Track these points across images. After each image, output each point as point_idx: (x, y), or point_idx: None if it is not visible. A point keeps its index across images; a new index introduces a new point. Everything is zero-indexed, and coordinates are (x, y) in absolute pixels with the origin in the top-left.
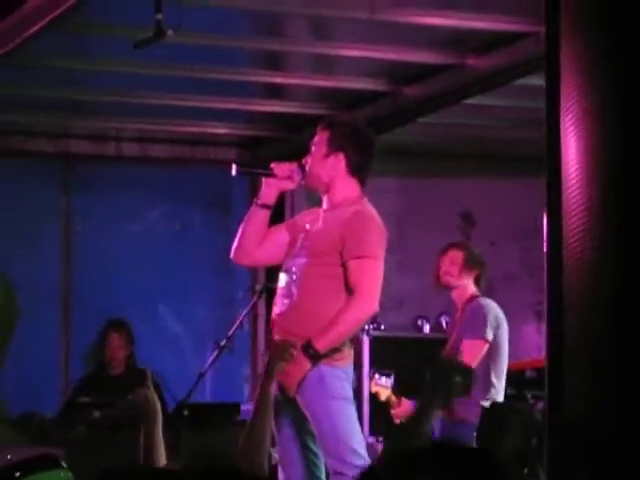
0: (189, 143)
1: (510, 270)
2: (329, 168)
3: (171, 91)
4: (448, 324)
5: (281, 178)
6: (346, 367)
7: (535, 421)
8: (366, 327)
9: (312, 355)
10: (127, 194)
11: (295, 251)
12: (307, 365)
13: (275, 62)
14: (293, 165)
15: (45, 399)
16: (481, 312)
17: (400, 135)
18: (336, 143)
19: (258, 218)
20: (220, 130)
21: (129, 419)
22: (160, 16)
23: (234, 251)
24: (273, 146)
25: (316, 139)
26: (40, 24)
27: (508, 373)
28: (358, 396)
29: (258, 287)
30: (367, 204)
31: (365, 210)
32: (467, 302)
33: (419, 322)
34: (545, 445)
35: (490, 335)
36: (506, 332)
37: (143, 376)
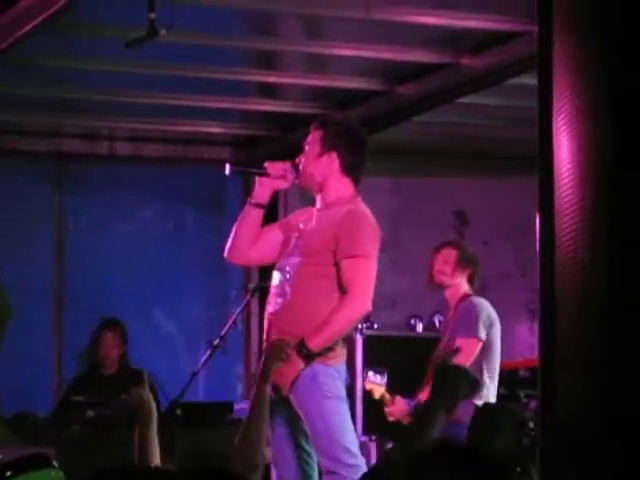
0: (182, 142)
1: (503, 269)
2: (322, 167)
3: (164, 90)
4: (441, 323)
5: (275, 177)
6: (339, 366)
7: (526, 421)
8: (359, 326)
9: (305, 354)
10: (120, 193)
11: (289, 250)
12: (300, 364)
13: (269, 61)
14: (287, 164)
15: (38, 398)
16: (474, 311)
17: (393, 134)
18: (329, 142)
19: (252, 217)
20: (213, 129)
21: (123, 418)
22: (153, 15)
23: (228, 250)
24: (267, 145)
25: (309, 138)
26: (33, 23)
27: (501, 372)
28: (351, 395)
29: (251, 286)
30: (361, 203)
31: (359, 209)
32: (460, 301)
33: (412, 321)
34: (537, 444)
35: (483, 334)
36: (499, 331)
37: (138, 376)
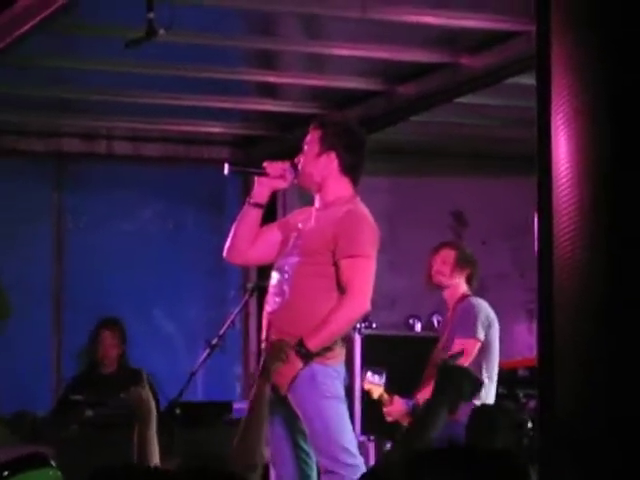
0: (182, 142)
1: (501, 269)
2: (321, 167)
3: (164, 90)
4: (440, 323)
5: (274, 177)
6: (337, 366)
7: (525, 422)
8: (358, 326)
9: (304, 354)
10: (120, 193)
11: (287, 250)
12: (299, 364)
13: (268, 61)
14: (286, 164)
15: (37, 398)
16: (472, 311)
17: (392, 134)
18: (328, 142)
19: (251, 217)
20: (213, 129)
21: (122, 418)
22: (152, 15)
23: (227, 250)
24: (266, 145)
25: (308, 138)
26: (31, 23)
27: (500, 372)
28: (350, 394)
29: (249, 286)
30: (360, 203)
31: (358, 209)
32: (458, 301)
33: (411, 321)
34: (536, 444)
35: (482, 334)
36: (497, 332)
37: (137, 375)
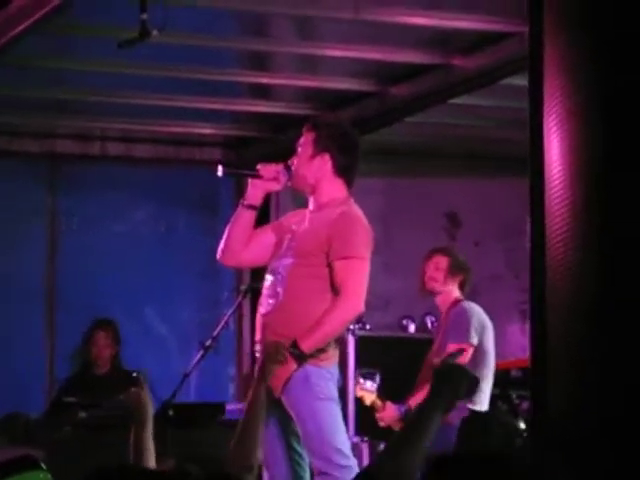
0: (174, 143)
1: (495, 270)
2: (315, 169)
3: (156, 91)
4: (433, 325)
5: (267, 179)
6: (331, 367)
7: (517, 429)
8: (351, 327)
9: (298, 356)
10: (112, 194)
11: (281, 252)
12: (293, 366)
13: (260, 62)
14: (279, 166)
15: (30, 399)
16: (464, 316)
17: (386, 135)
18: (322, 144)
19: (244, 219)
20: (205, 130)
21: (117, 419)
22: (145, 16)
23: (220, 252)
24: (258, 146)
25: (302, 140)
26: (25, 24)
27: (493, 373)
28: (343, 396)
29: (243, 287)
30: (353, 205)
31: (351, 211)
32: (451, 306)
33: (404, 322)
34: (528, 444)
35: (475, 339)
36: (492, 335)
37: (132, 377)
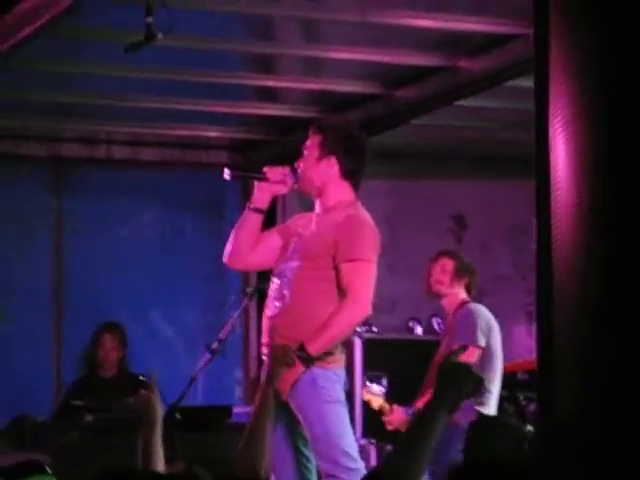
0: (180, 146)
1: (502, 272)
2: (322, 172)
3: (162, 94)
4: (440, 327)
5: (274, 182)
6: (338, 370)
7: (525, 434)
8: (358, 329)
9: (305, 358)
10: (119, 198)
11: (288, 255)
12: (300, 368)
13: (267, 65)
14: (286, 169)
15: (37, 402)
16: (471, 318)
17: (391, 137)
18: (328, 147)
19: (251, 222)
20: (212, 133)
21: (124, 422)
22: (150, 19)
23: (227, 255)
24: (265, 149)
25: (308, 143)
26: (31, 28)
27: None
28: (350, 398)
29: (249, 290)
30: (360, 208)
31: (358, 214)
32: (457, 308)
33: (411, 324)
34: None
35: (482, 341)
36: (499, 337)
37: (142, 380)
